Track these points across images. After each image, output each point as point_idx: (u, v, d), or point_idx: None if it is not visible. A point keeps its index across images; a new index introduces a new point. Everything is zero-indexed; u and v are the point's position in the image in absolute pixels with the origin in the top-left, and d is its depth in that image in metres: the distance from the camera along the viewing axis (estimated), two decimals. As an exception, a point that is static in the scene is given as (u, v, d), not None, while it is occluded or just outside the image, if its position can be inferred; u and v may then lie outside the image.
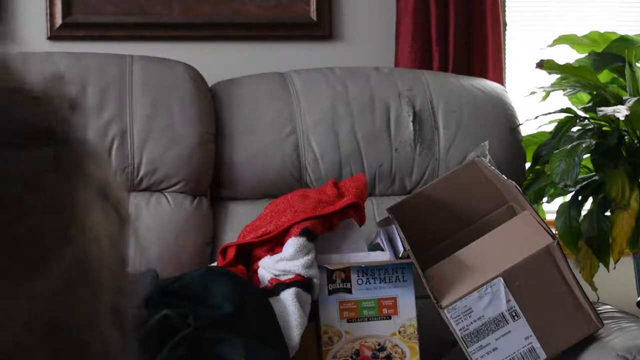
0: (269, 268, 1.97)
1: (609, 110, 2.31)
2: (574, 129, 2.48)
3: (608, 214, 2.40)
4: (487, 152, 2.22)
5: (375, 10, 2.74)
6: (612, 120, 2.41)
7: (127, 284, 0.41)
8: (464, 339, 1.85)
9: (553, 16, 2.95)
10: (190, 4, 2.63)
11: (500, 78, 2.70)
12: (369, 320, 1.97)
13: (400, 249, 2.02)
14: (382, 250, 2.07)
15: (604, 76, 2.60)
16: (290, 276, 1.93)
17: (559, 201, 2.56)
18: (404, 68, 2.63)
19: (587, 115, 2.51)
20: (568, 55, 2.66)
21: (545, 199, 2.53)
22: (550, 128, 2.56)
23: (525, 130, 2.56)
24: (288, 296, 1.90)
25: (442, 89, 2.48)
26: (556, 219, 2.48)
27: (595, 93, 2.54)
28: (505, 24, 2.81)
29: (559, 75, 2.49)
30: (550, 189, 2.48)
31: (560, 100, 2.59)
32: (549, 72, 2.49)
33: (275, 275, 1.95)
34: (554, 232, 2.04)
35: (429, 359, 2.04)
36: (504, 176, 2.04)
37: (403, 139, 2.41)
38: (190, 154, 2.29)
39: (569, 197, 2.50)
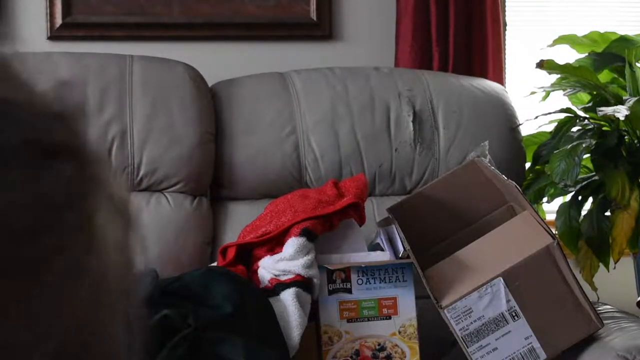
0: (269, 268, 1.97)
1: (609, 110, 2.31)
2: (574, 129, 2.48)
3: (608, 214, 2.40)
4: (487, 152, 2.21)
5: (375, 10, 2.74)
6: (612, 120, 2.40)
7: (134, 287, 0.41)
8: (464, 339, 1.85)
9: (553, 16, 2.95)
10: (190, 4, 2.62)
11: (500, 78, 2.70)
12: (369, 320, 1.97)
13: (400, 249, 2.02)
14: (382, 250, 2.07)
15: (604, 76, 2.59)
16: (290, 276, 1.93)
17: (559, 201, 2.56)
18: (404, 68, 2.62)
19: (587, 115, 2.51)
20: (568, 55, 2.65)
21: (545, 199, 2.53)
22: (550, 128, 2.55)
23: (525, 130, 2.56)
24: (288, 296, 1.90)
25: (442, 89, 2.48)
26: (556, 219, 2.48)
27: (595, 93, 2.54)
28: (505, 24, 2.81)
29: (559, 75, 2.49)
30: (550, 189, 2.48)
31: (560, 100, 2.59)
32: (549, 72, 2.49)
33: (275, 275, 1.95)
34: (554, 232, 2.04)
35: (429, 359, 2.04)
36: (504, 176, 2.04)
37: (403, 139, 2.41)
38: (190, 154, 2.29)
39: (569, 197, 2.50)
